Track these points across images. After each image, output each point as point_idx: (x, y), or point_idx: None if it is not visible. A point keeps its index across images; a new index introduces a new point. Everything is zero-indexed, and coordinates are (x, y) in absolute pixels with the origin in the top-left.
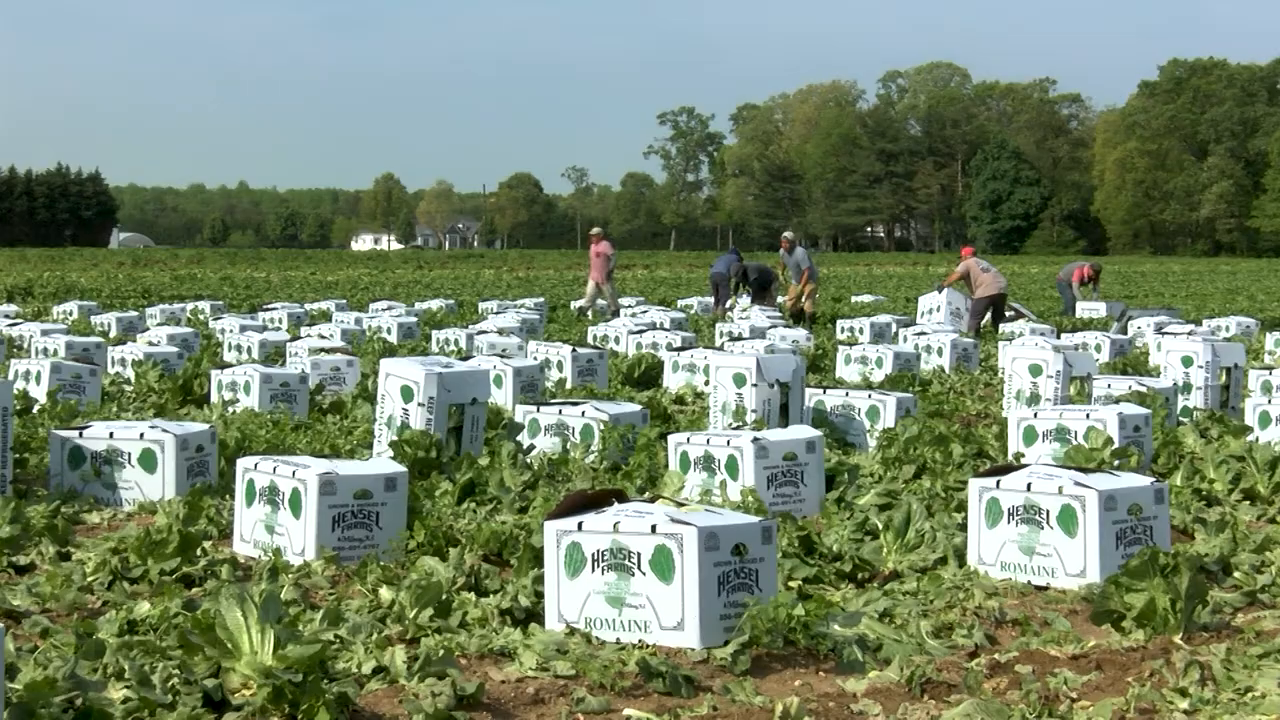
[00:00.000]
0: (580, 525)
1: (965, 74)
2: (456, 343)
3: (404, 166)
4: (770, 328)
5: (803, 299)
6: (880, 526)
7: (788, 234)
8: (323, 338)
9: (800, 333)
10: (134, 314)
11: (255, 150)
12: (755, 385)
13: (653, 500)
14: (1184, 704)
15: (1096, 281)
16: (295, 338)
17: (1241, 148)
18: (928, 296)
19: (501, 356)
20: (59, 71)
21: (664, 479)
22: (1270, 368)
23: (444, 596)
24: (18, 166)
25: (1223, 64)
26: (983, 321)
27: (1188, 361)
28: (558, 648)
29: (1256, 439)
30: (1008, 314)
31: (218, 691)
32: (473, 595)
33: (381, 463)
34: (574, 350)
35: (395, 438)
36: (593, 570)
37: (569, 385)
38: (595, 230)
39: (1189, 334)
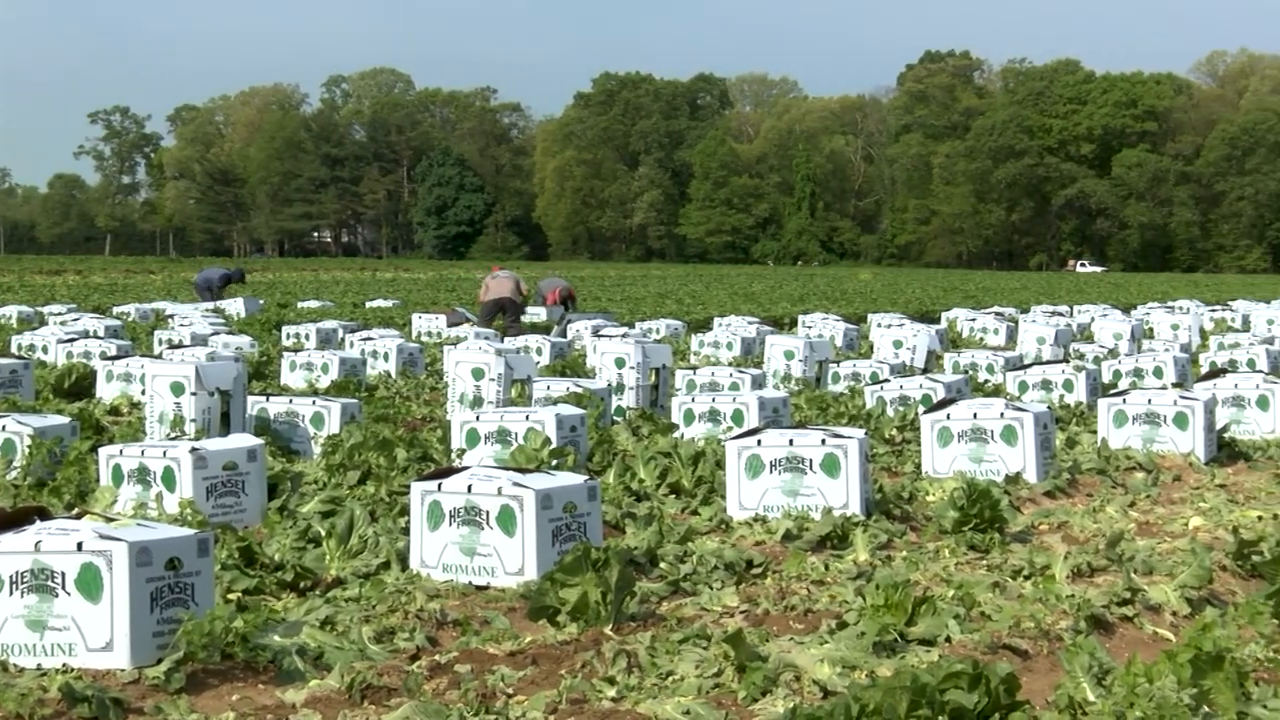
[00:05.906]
0: None
1: (409, 81)
2: None
3: None
4: (213, 334)
5: None
6: (323, 534)
7: None
8: None
9: (245, 339)
10: None
11: None
12: (195, 394)
13: (80, 516)
14: (612, 691)
15: (571, 303)
16: None
17: (669, 159)
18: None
19: None
20: None
21: (95, 494)
22: (694, 367)
23: None
24: None
25: (649, 79)
26: (494, 322)
27: (621, 363)
28: None
29: (681, 435)
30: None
31: None
32: None
33: None
34: None
35: None
36: (11, 594)
37: None
38: None
39: (623, 336)
